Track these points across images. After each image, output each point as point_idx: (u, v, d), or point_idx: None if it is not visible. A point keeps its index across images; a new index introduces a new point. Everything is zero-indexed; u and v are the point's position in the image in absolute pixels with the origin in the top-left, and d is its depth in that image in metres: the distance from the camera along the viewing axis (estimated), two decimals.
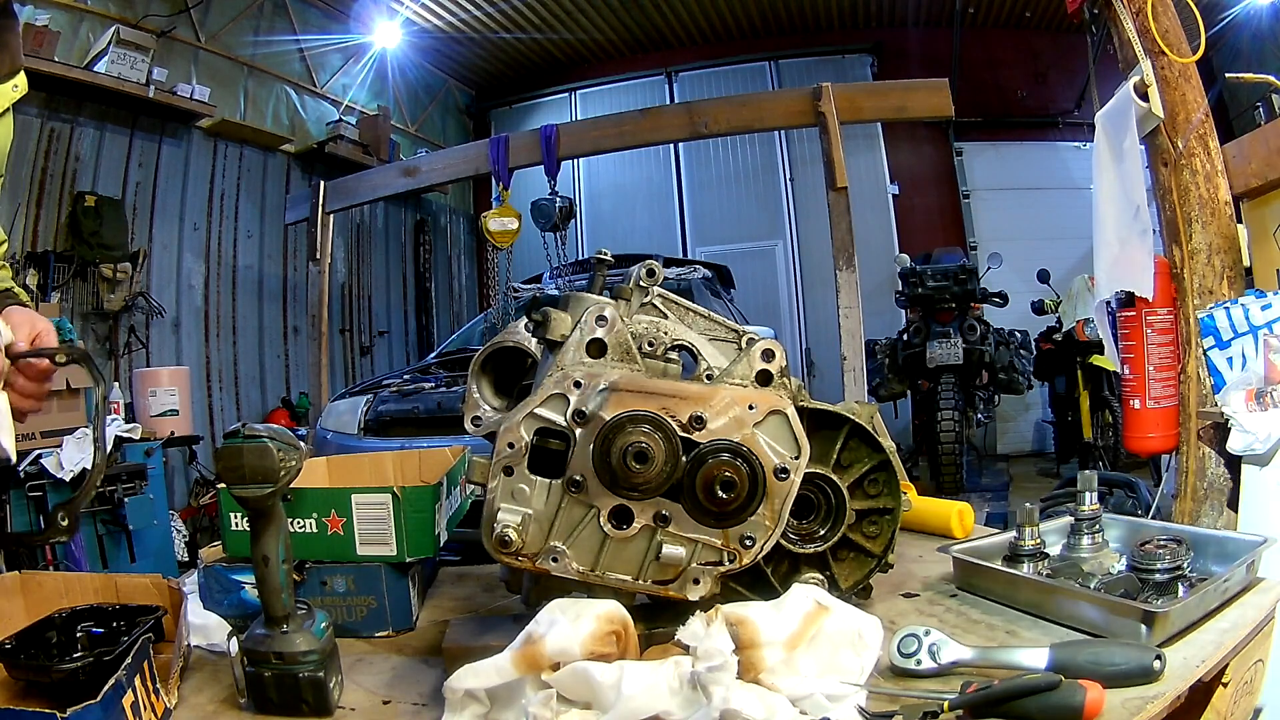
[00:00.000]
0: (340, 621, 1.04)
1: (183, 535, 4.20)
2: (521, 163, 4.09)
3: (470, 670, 0.75)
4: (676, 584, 0.80)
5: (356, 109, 6.93)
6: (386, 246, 7.55)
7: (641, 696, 0.72)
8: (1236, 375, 2.12)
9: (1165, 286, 2.37)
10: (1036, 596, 0.99)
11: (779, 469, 0.81)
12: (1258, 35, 5.81)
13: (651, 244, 7.22)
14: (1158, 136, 2.37)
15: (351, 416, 3.65)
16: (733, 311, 5.03)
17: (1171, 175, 2.35)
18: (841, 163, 3.54)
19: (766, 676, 0.78)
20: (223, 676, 0.91)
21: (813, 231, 7.44)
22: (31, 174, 4.47)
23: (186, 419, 4.58)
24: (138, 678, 0.77)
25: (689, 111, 4.04)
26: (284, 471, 0.79)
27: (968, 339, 5.22)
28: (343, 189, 4.53)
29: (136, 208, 5.09)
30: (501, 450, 0.78)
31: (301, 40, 6.44)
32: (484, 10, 6.92)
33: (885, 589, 1.11)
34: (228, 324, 5.80)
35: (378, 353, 7.26)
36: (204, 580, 1.07)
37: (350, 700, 0.87)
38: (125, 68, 4.64)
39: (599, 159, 7.40)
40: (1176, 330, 2.36)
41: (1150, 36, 2.31)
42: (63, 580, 1.01)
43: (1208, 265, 2.31)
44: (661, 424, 0.78)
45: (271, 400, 6.08)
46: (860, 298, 3.55)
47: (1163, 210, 2.41)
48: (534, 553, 0.79)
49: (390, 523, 1.04)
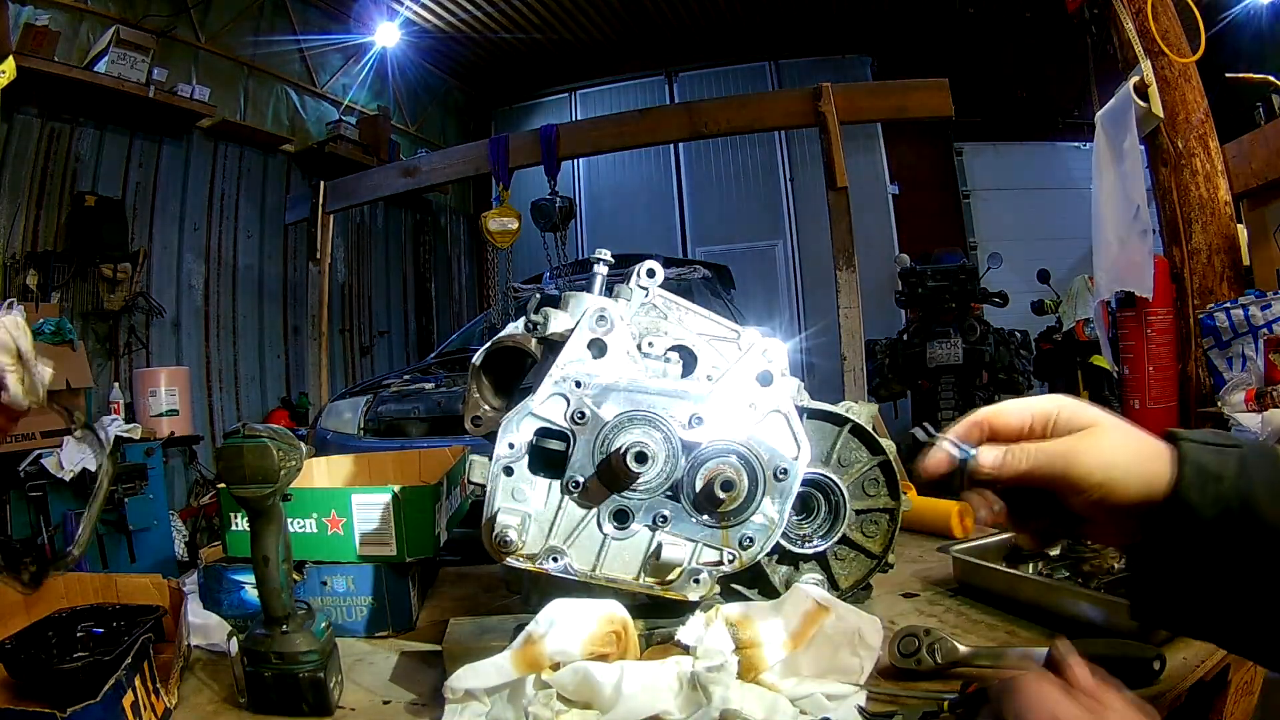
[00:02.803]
0: (340, 621, 1.04)
1: (183, 535, 4.20)
2: (521, 163, 4.09)
3: (470, 670, 0.75)
4: (676, 584, 0.80)
5: (356, 109, 6.92)
6: (386, 246, 7.55)
7: (641, 696, 0.72)
8: (1236, 375, 2.12)
9: (1165, 286, 2.37)
10: (1037, 596, 0.99)
11: (779, 469, 0.81)
12: (1258, 35, 5.81)
13: (651, 244, 7.22)
14: (1158, 136, 2.37)
15: (351, 416, 3.65)
16: (733, 311, 5.02)
17: (1171, 175, 2.35)
18: (841, 163, 3.54)
19: (766, 676, 0.78)
20: (223, 676, 0.91)
21: (813, 231, 7.44)
22: (31, 174, 4.47)
23: (186, 419, 4.58)
24: (138, 678, 0.77)
25: (689, 111, 4.04)
26: (284, 471, 0.79)
27: (968, 339, 5.22)
28: (343, 189, 4.53)
29: (136, 208, 5.09)
30: (501, 450, 0.78)
31: (301, 40, 6.44)
32: (484, 10, 6.92)
33: (885, 589, 1.11)
34: (228, 324, 5.80)
35: (378, 353, 7.26)
36: (204, 580, 1.07)
37: (350, 700, 0.86)
38: (125, 68, 4.64)
39: (599, 159, 7.41)
40: (1176, 330, 2.36)
41: (1150, 36, 2.31)
42: (63, 580, 1.01)
43: (1208, 265, 2.31)
44: (661, 424, 0.78)
45: (271, 400, 6.08)
46: (860, 298, 3.55)
47: (1163, 210, 2.42)
48: (534, 553, 0.79)
49: (390, 523, 1.04)
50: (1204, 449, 0.55)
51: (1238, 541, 0.52)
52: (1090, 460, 0.56)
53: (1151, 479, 0.55)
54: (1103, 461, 0.56)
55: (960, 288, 5.33)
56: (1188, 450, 0.55)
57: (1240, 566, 0.52)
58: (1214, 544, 0.53)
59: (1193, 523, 0.53)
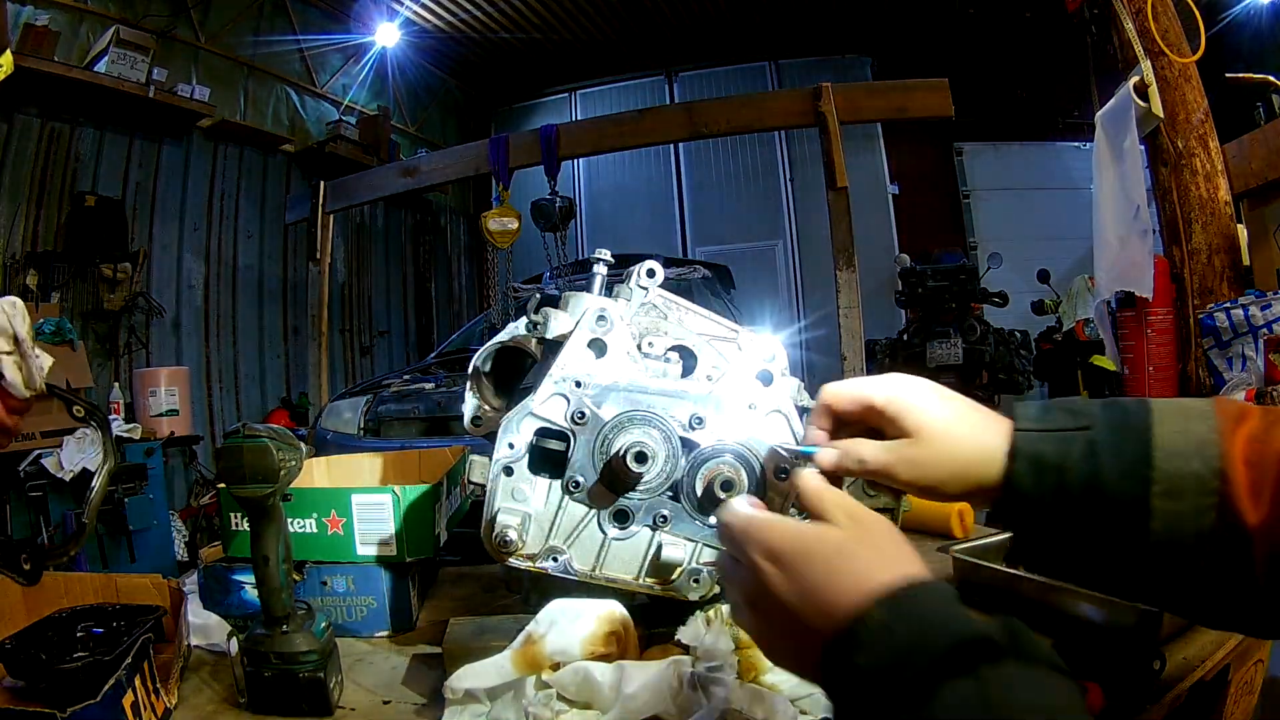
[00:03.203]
0: (340, 621, 1.04)
1: (183, 535, 4.20)
2: (521, 163, 4.09)
3: (470, 670, 0.75)
4: (676, 584, 0.80)
5: (356, 109, 6.92)
6: (386, 246, 7.55)
7: (641, 696, 0.72)
8: (1236, 375, 2.12)
9: (1165, 286, 2.37)
10: (1037, 596, 0.99)
11: (779, 469, 0.81)
12: (1258, 35, 5.82)
13: (651, 244, 7.22)
14: (1158, 136, 2.37)
15: (351, 416, 3.65)
16: (733, 311, 5.02)
17: (1171, 175, 2.35)
18: (841, 163, 3.54)
19: (767, 677, 0.78)
20: (223, 676, 0.91)
21: (813, 231, 7.44)
22: (31, 174, 4.47)
23: (186, 419, 4.58)
24: (138, 678, 0.77)
25: (689, 111, 4.04)
26: (284, 471, 0.79)
27: (968, 339, 5.23)
28: (343, 189, 4.53)
29: (136, 208, 5.09)
30: (501, 450, 0.78)
31: (301, 40, 6.44)
32: (484, 10, 6.91)
33: None
34: (228, 324, 5.80)
35: (378, 353, 7.26)
36: (204, 580, 1.07)
37: (350, 700, 0.86)
38: (125, 68, 4.64)
39: (599, 159, 7.41)
40: (1176, 330, 2.36)
41: (1150, 36, 2.31)
42: (63, 580, 1.01)
43: (1208, 265, 2.31)
44: (661, 424, 0.78)
45: (271, 400, 6.08)
46: (860, 298, 3.55)
47: (1163, 210, 2.42)
48: (534, 553, 0.79)
49: (390, 523, 1.04)
50: (1044, 439, 0.56)
51: (1081, 518, 0.54)
52: (910, 472, 0.58)
53: (979, 479, 0.57)
54: (925, 473, 0.58)
55: (960, 288, 5.34)
56: (1021, 444, 0.56)
57: (1086, 533, 0.54)
58: (1055, 522, 0.55)
59: (1030, 508, 0.55)
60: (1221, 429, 0.53)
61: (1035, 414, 0.58)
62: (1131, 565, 0.53)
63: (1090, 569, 0.56)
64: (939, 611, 0.43)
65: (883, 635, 0.43)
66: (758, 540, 0.51)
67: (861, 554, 0.48)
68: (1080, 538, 0.55)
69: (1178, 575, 0.52)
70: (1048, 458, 0.55)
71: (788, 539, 0.50)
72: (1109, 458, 0.53)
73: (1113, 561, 0.54)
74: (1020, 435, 0.56)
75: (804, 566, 0.49)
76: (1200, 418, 0.54)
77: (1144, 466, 0.52)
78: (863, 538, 0.50)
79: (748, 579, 0.51)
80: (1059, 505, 0.54)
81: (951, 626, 0.41)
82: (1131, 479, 0.52)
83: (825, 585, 0.47)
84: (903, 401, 0.59)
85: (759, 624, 0.52)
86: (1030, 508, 0.55)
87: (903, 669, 0.40)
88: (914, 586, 0.45)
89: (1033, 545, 0.58)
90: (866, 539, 0.50)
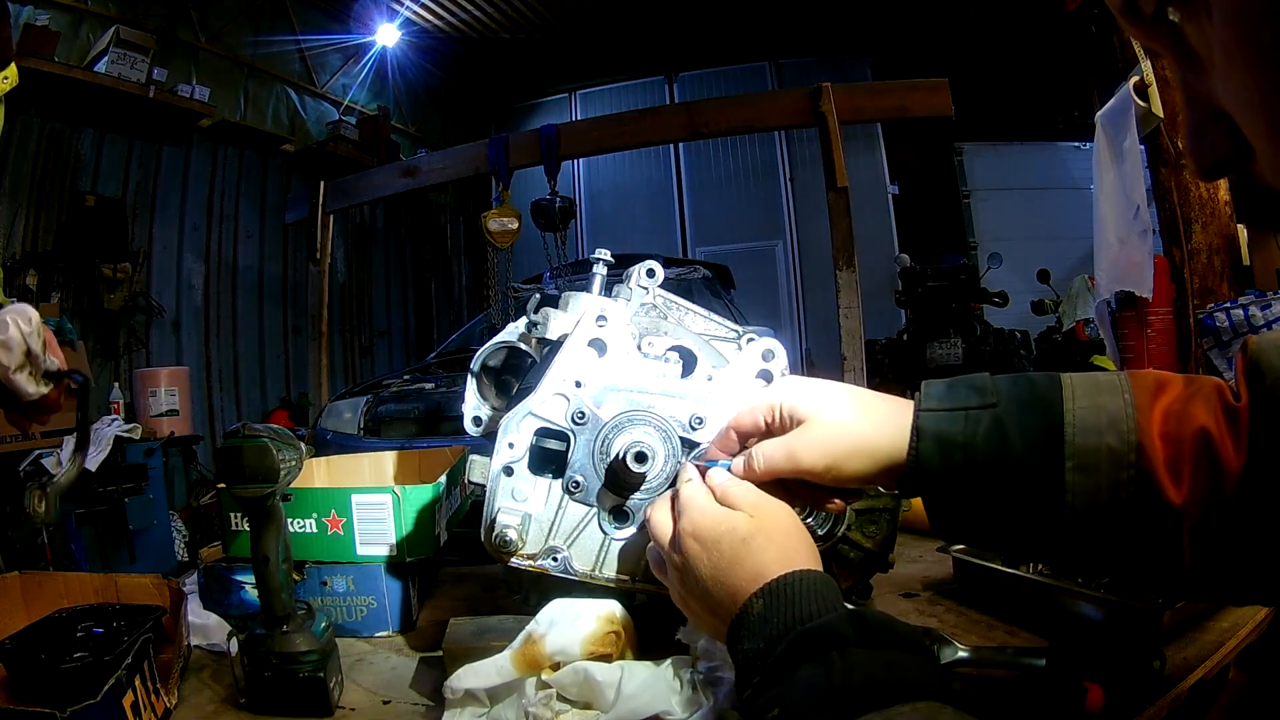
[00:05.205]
0: (340, 621, 1.04)
1: (183, 535, 4.20)
2: (521, 163, 4.09)
3: (470, 670, 0.75)
4: None
5: (356, 109, 6.93)
6: (386, 246, 7.55)
7: (641, 696, 0.72)
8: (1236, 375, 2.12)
9: (1165, 286, 2.37)
10: (1036, 596, 0.99)
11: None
12: None
13: (651, 244, 7.23)
14: (1158, 136, 2.37)
15: (351, 416, 3.65)
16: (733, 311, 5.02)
17: (1171, 175, 2.35)
18: (841, 163, 3.54)
19: None
20: (223, 676, 0.91)
21: (813, 231, 7.44)
22: (31, 174, 4.48)
23: (186, 419, 4.58)
24: (138, 678, 0.77)
25: (689, 111, 4.05)
26: (284, 471, 0.79)
27: (968, 339, 5.23)
28: (343, 189, 4.53)
29: (136, 208, 5.09)
30: (501, 450, 0.78)
31: (301, 40, 6.44)
32: (484, 10, 6.92)
33: (885, 589, 1.11)
34: (228, 324, 5.80)
35: (378, 353, 7.26)
36: (204, 580, 1.07)
37: (350, 700, 0.87)
38: (125, 68, 4.64)
39: (599, 159, 7.41)
40: (1176, 330, 2.36)
41: None
42: (63, 580, 1.01)
43: (1208, 265, 2.31)
44: (661, 424, 0.78)
45: (271, 400, 6.08)
46: (860, 298, 3.55)
47: (1163, 210, 2.42)
48: (534, 553, 0.79)
49: (390, 523, 1.04)
50: (948, 418, 0.56)
51: (993, 491, 0.55)
52: (808, 455, 0.59)
53: (882, 456, 0.58)
54: (821, 452, 0.59)
55: (960, 288, 5.34)
56: (925, 423, 0.57)
57: (998, 505, 0.55)
58: (967, 496, 0.56)
59: (938, 482, 0.56)
60: (1138, 402, 0.53)
61: (940, 393, 0.58)
62: (1047, 535, 0.54)
63: (1006, 538, 0.58)
64: (807, 605, 0.50)
65: (759, 624, 0.50)
66: (688, 518, 0.58)
67: (760, 545, 0.55)
68: (993, 510, 0.55)
69: (1097, 545, 0.53)
70: (953, 436, 0.55)
71: (708, 522, 0.57)
72: (1016, 434, 0.54)
73: (1028, 531, 0.55)
74: (924, 415, 0.57)
75: (716, 551, 0.56)
76: (1112, 391, 0.54)
77: (1055, 440, 0.53)
78: (764, 528, 0.56)
79: (678, 556, 0.58)
80: (969, 479, 0.55)
81: (811, 619, 0.49)
82: (1043, 454, 0.53)
83: (730, 571, 0.54)
84: (795, 395, 0.62)
85: (687, 597, 0.59)
86: (938, 482, 0.56)
87: (770, 652, 0.48)
88: (792, 581, 0.51)
89: (945, 518, 0.58)
90: (767, 530, 0.56)
